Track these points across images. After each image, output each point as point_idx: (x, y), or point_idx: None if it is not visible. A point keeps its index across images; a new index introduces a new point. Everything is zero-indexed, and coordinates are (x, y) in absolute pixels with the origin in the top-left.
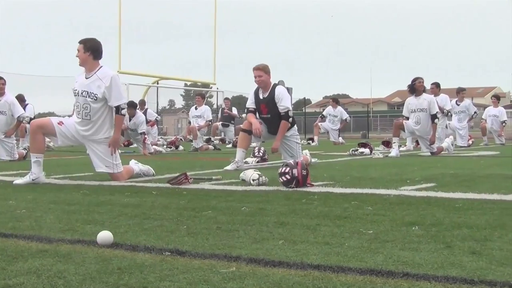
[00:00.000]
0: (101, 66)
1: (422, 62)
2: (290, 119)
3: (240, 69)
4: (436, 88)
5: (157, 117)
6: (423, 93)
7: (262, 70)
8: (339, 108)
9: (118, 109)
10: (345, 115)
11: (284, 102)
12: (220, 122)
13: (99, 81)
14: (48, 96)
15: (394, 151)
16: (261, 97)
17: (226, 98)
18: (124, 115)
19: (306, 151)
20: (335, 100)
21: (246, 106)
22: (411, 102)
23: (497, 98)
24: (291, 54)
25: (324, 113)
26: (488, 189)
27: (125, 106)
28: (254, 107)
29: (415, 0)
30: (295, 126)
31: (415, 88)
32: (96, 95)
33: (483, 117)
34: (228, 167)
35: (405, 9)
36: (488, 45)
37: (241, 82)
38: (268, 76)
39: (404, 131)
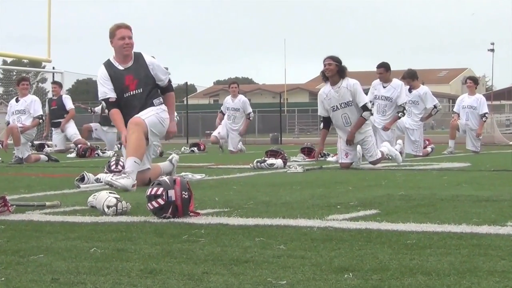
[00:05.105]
0: None
1: (362, 33)
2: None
3: (88, 42)
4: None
5: None
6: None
7: (131, 30)
8: (241, 98)
9: None
10: (249, 109)
11: (163, 70)
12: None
13: None
14: None
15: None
16: (121, 67)
17: (55, 82)
18: None
19: (173, 155)
20: (238, 84)
21: (102, 97)
22: (331, 95)
23: (473, 81)
24: (165, 22)
25: (222, 108)
26: (454, 217)
27: None
28: (114, 95)
29: None
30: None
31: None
32: None
33: (455, 109)
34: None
35: None
36: (452, 12)
37: (89, 59)
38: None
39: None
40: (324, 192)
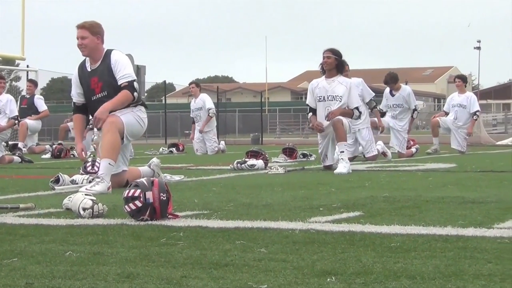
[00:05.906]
0: None
1: (345, 31)
2: (136, 94)
3: (63, 39)
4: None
5: None
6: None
7: (87, 30)
8: (202, 96)
9: None
10: (208, 105)
11: (126, 69)
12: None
13: None
14: None
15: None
16: (89, 69)
17: (31, 81)
18: None
19: (153, 160)
20: (197, 84)
21: (74, 101)
22: (322, 85)
23: (462, 79)
24: (143, 19)
25: (191, 113)
26: (439, 220)
27: None
28: (81, 100)
29: None
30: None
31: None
32: None
33: (444, 108)
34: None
35: None
36: (437, 9)
37: (65, 57)
38: (97, 40)
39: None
40: (306, 193)
